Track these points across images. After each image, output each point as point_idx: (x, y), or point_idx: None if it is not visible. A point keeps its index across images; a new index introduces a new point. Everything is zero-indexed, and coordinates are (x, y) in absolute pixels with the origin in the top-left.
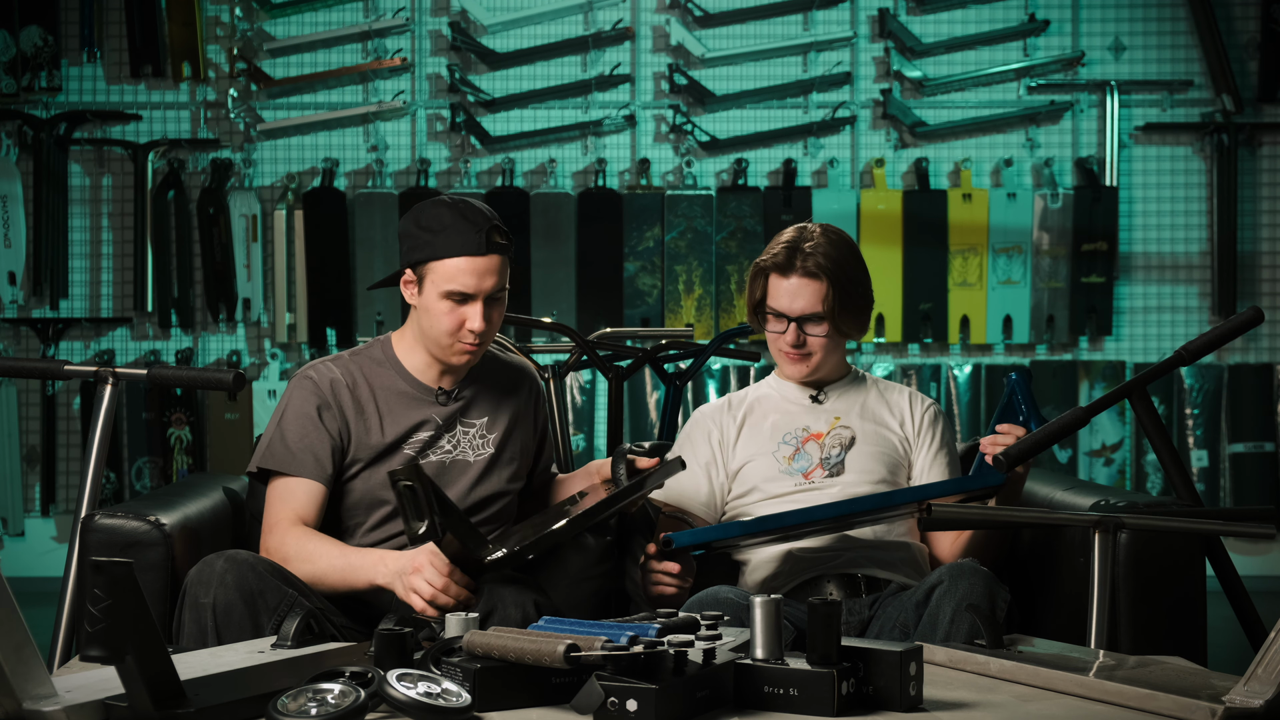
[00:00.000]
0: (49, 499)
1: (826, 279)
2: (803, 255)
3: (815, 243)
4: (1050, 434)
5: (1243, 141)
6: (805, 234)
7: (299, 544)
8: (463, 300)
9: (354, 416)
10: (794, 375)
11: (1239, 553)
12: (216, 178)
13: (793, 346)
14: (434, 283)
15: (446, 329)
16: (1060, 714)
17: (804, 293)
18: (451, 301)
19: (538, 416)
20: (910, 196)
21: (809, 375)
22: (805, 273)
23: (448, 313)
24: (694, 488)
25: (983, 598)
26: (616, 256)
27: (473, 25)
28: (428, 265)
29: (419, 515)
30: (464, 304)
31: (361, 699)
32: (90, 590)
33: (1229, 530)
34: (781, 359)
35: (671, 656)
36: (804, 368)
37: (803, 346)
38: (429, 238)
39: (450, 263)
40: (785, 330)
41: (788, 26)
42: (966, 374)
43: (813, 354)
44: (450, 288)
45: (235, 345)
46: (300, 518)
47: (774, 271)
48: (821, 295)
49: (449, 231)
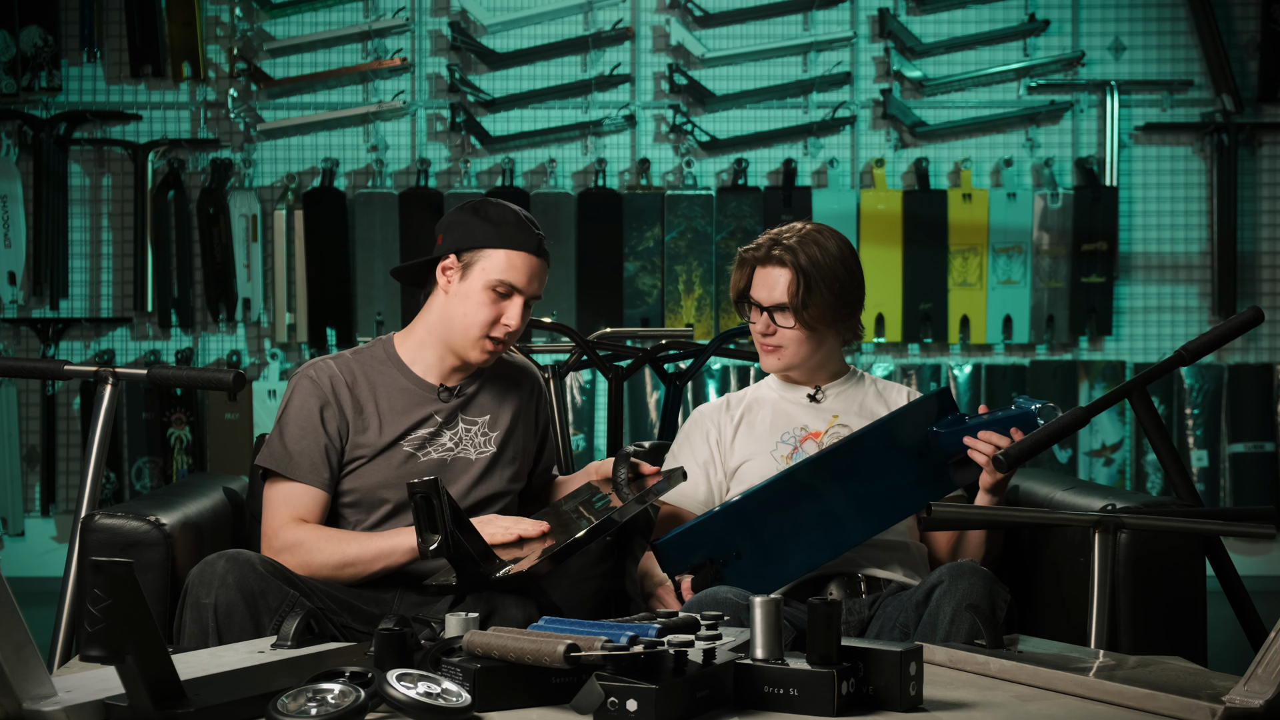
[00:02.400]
0: (49, 499)
1: (794, 270)
2: (780, 247)
3: (798, 236)
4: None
5: (1243, 141)
6: (791, 229)
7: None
8: (508, 294)
9: (353, 414)
10: (767, 367)
11: (1239, 553)
12: (216, 178)
13: (762, 335)
14: (484, 270)
15: (483, 320)
16: (1060, 714)
17: (771, 282)
18: (495, 294)
19: (539, 417)
20: (910, 196)
21: (782, 369)
22: (775, 262)
23: (489, 304)
24: (692, 487)
25: (983, 598)
26: (616, 256)
27: (473, 25)
28: (482, 252)
29: (433, 529)
30: (507, 298)
31: (361, 699)
32: (90, 590)
33: (1229, 530)
34: (760, 351)
35: (671, 656)
36: (774, 359)
37: (773, 336)
38: (491, 229)
39: (510, 253)
40: (758, 320)
41: (788, 26)
42: (966, 374)
43: (783, 346)
44: (502, 277)
45: (235, 345)
46: (302, 520)
47: (751, 262)
48: (787, 285)
49: (511, 227)
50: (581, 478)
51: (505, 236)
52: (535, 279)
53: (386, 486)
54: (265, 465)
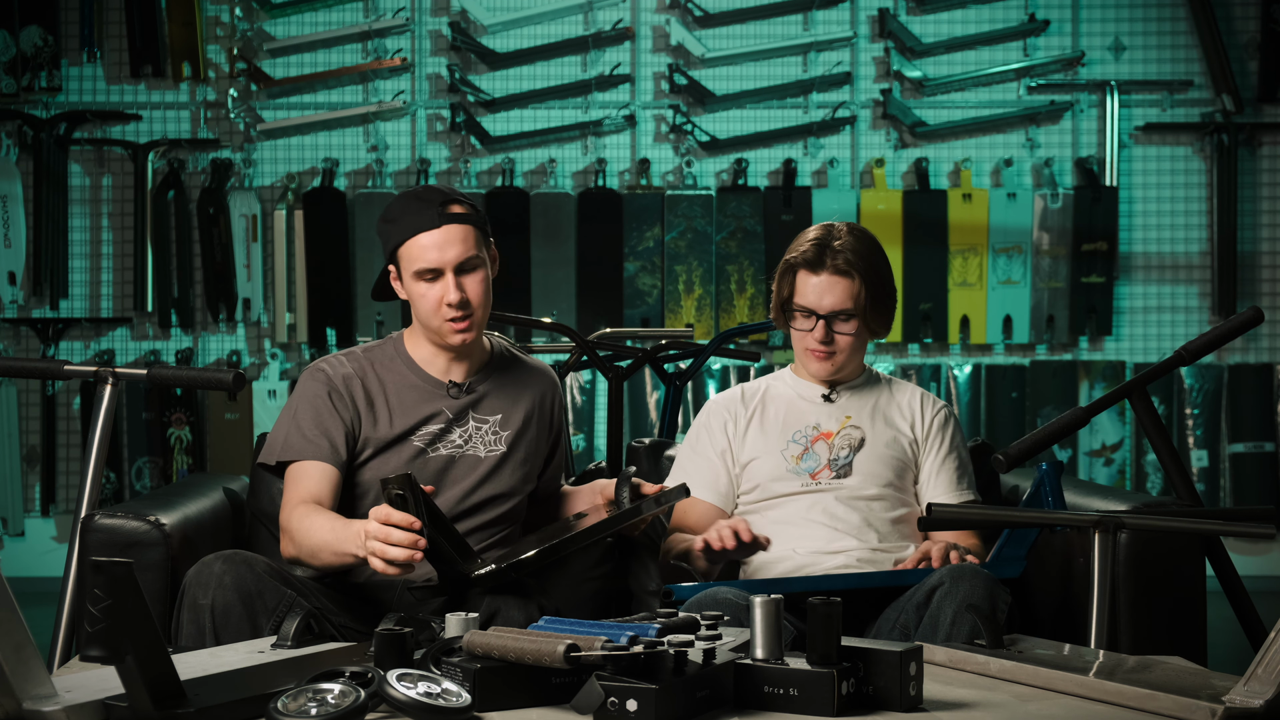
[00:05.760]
0: (49, 499)
1: (858, 275)
2: (832, 252)
3: (844, 240)
4: (1050, 434)
5: (1243, 141)
6: (833, 232)
7: (300, 520)
8: (434, 277)
9: (364, 408)
10: (819, 373)
11: (1239, 553)
12: (216, 178)
13: (820, 343)
14: (406, 267)
15: (429, 309)
16: (1060, 714)
17: (834, 289)
18: (425, 281)
19: (554, 421)
20: (910, 196)
21: (834, 374)
22: (835, 270)
23: (425, 293)
24: (713, 477)
25: (984, 599)
26: (616, 256)
27: (473, 25)
28: (398, 253)
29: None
30: (436, 280)
31: (361, 699)
32: (90, 590)
33: (1229, 530)
34: (807, 357)
35: (671, 656)
36: (829, 365)
37: (830, 344)
38: (391, 227)
39: (411, 243)
40: (813, 327)
41: (788, 26)
42: (966, 374)
43: (838, 352)
44: (418, 266)
45: (235, 345)
46: (313, 498)
47: (803, 268)
48: (853, 292)
49: (405, 214)
50: (586, 495)
51: (403, 228)
52: (448, 248)
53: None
54: (283, 459)
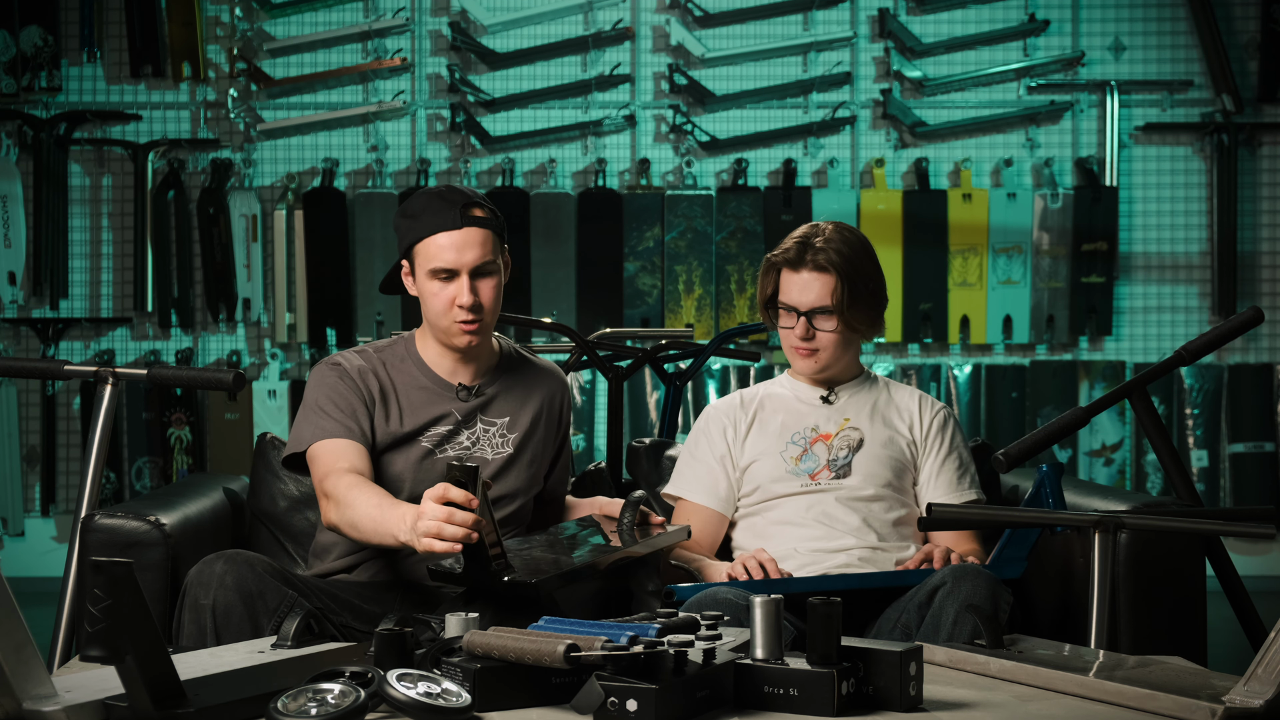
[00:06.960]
0: (49, 499)
1: (836, 273)
2: (813, 250)
3: (827, 238)
4: (1050, 434)
5: (1243, 141)
6: (817, 230)
7: (349, 490)
8: (449, 277)
9: (378, 401)
10: (805, 370)
11: (1239, 553)
12: (216, 178)
13: (802, 340)
14: (421, 265)
15: (440, 309)
16: (1060, 714)
17: (813, 286)
18: (439, 280)
19: (562, 421)
20: (910, 196)
21: (819, 371)
22: (815, 266)
23: (437, 293)
24: (712, 482)
25: (985, 599)
26: (616, 256)
27: (473, 25)
28: (414, 249)
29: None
30: (450, 281)
31: (361, 699)
32: (90, 590)
33: (1229, 530)
34: (793, 355)
35: (671, 656)
36: (813, 363)
37: (811, 340)
38: (410, 223)
39: (430, 241)
40: (795, 324)
41: (788, 26)
42: (966, 374)
43: (821, 349)
44: (434, 265)
45: (235, 345)
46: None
47: (785, 266)
48: (831, 289)
49: (427, 212)
50: (588, 508)
51: (423, 225)
52: (467, 250)
53: (402, 479)
54: (296, 450)
